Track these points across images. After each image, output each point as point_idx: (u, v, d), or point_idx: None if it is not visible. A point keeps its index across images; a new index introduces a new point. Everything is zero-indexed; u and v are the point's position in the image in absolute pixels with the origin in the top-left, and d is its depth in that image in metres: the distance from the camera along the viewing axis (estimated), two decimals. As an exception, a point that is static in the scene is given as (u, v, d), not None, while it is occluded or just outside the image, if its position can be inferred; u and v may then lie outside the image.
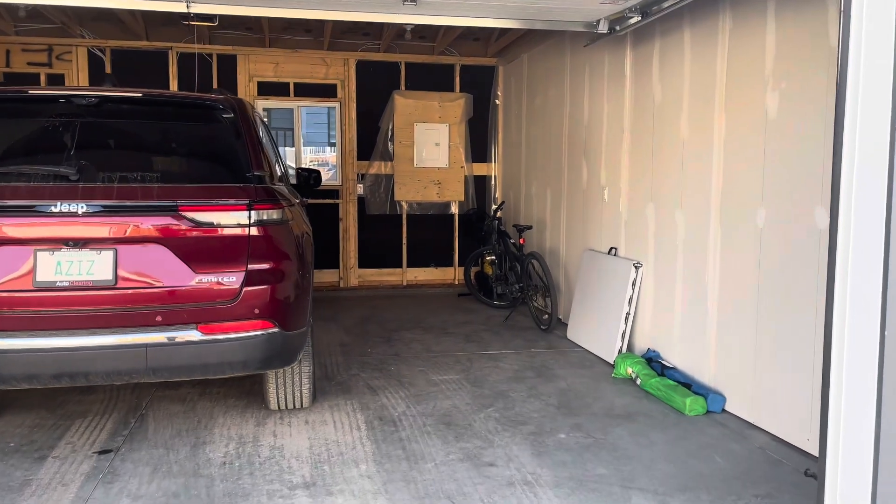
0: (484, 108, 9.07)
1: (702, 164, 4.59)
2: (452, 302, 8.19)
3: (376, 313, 7.47)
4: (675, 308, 4.91)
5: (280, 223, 3.61)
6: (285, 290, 3.58)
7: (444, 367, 5.33)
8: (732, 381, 4.31)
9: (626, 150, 5.65)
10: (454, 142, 8.94)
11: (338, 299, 8.31)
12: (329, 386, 4.84)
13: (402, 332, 6.56)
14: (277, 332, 3.52)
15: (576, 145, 6.66)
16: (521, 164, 8.29)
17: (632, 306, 5.42)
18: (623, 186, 5.71)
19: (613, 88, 5.87)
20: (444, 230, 9.13)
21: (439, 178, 8.95)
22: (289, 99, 8.54)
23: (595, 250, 6.18)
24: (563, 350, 5.89)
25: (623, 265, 5.55)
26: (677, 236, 4.89)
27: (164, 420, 4.15)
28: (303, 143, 16.36)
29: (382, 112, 8.74)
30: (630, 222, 5.60)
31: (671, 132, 4.97)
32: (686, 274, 4.79)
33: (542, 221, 7.54)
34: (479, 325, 6.87)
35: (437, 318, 7.25)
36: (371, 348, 5.90)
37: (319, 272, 8.66)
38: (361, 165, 8.76)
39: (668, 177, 5.02)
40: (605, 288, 5.77)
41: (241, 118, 3.75)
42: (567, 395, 4.71)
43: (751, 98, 4.12)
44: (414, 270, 9.06)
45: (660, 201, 5.13)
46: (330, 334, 6.41)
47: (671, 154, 4.97)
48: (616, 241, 5.82)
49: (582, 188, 6.52)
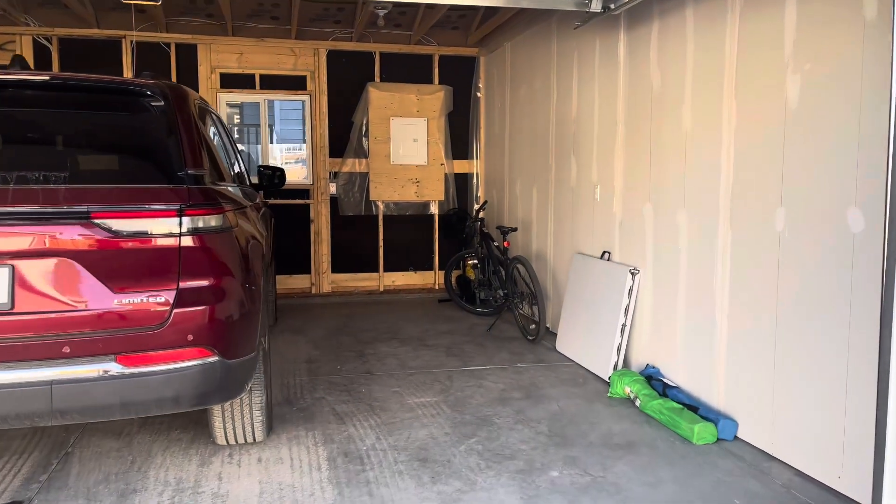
0: (465, 101, 8.52)
1: (708, 158, 4.07)
2: (433, 309, 7.64)
3: (350, 323, 6.91)
4: (678, 320, 4.39)
5: (220, 231, 3.04)
6: (227, 310, 3.01)
7: (421, 387, 4.78)
8: (746, 404, 3.80)
9: (621, 144, 5.12)
10: (433, 137, 8.39)
11: (309, 307, 7.73)
12: (290, 413, 4.27)
13: (377, 344, 6.00)
14: (217, 361, 2.95)
15: (564, 140, 6.13)
16: (504, 161, 7.75)
17: (628, 317, 4.90)
18: (617, 184, 5.18)
19: (605, 76, 5.34)
20: (424, 232, 8.57)
21: (418, 176, 8.39)
22: (254, 92, 7.93)
23: (586, 254, 5.66)
24: (553, 365, 5.35)
25: (618, 271, 5.02)
26: (680, 240, 4.37)
27: (92, 460, 3.56)
28: (276, 140, 15.73)
29: (356, 106, 8.16)
30: (625, 224, 5.08)
31: (672, 123, 4.45)
32: (690, 282, 4.27)
33: (528, 222, 7.01)
34: (460, 336, 6.32)
35: (415, 327, 6.70)
36: (341, 365, 5.33)
37: (289, 278, 8.09)
38: (334, 163, 8.18)
39: (668, 174, 4.50)
40: (597, 296, 5.25)
41: (176, 107, 3.17)
42: (559, 420, 4.17)
43: (767, 83, 3.61)
44: (391, 275, 8.49)
45: (659, 201, 4.62)
46: (297, 348, 5.84)
47: (672, 148, 4.45)
48: (609, 245, 5.30)
49: (571, 186, 5.99)
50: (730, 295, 3.91)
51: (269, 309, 6.45)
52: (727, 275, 3.93)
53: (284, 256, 8.05)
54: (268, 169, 5.84)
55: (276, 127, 14.94)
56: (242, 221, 3.49)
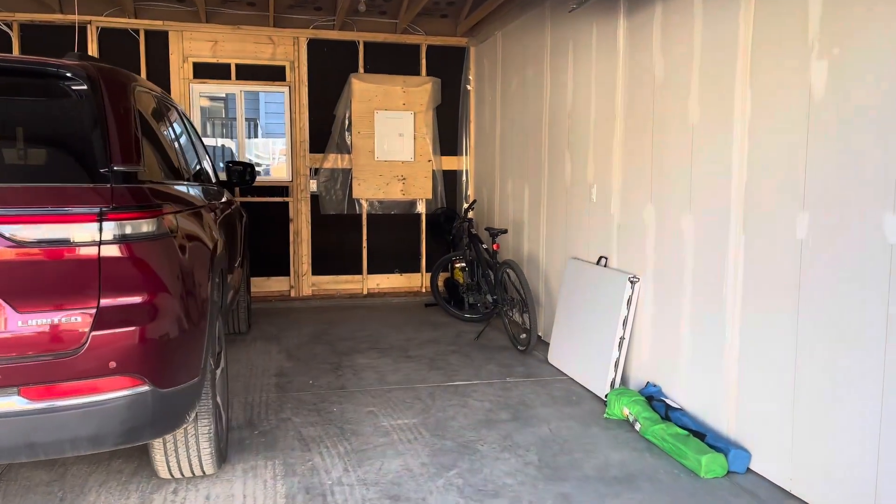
0: (454, 93, 8.07)
1: (718, 155, 3.64)
2: (418, 314, 7.20)
3: (329, 329, 6.46)
4: (683, 334, 3.97)
5: (155, 237, 2.59)
6: (160, 330, 2.56)
7: (399, 405, 4.34)
8: (760, 431, 3.37)
9: (619, 139, 4.69)
10: (420, 132, 7.93)
11: (287, 312, 7.28)
12: (250, 437, 3.82)
13: (355, 355, 5.55)
14: (148, 391, 2.51)
15: (558, 135, 5.69)
16: (495, 158, 7.31)
17: (627, 329, 4.47)
18: (615, 184, 4.75)
19: (603, 66, 4.90)
20: (410, 232, 8.12)
21: (404, 173, 7.94)
22: (230, 83, 7.46)
23: (581, 259, 5.23)
24: (545, 379, 4.92)
25: (615, 279, 4.59)
26: (685, 246, 3.94)
27: (17, 496, 3.11)
28: (262, 134, 15.23)
29: (338, 98, 7.71)
30: (624, 227, 4.65)
31: (677, 116, 4.01)
32: (697, 292, 3.84)
33: (520, 224, 6.57)
34: (446, 345, 5.88)
35: (398, 335, 6.26)
36: (314, 379, 4.89)
37: (267, 280, 7.65)
38: (315, 159, 7.72)
39: (672, 172, 4.07)
40: (593, 305, 4.82)
41: (105, 93, 2.71)
42: (550, 446, 3.74)
43: (787, 70, 3.17)
44: (376, 277, 8.04)
45: (662, 202, 4.18)
46: (268, 359, 5.39)
47: (677, 144, 4.02)
48: (606, 250, 4.87)
49: (565, 186, 5.55)
50: (742, 309, 3.48)
51: (241, 316, 6.02)
52: (739, 287, 3.50)
53: (262, 257, 7.60)
54: (237, 165, 5.40)
55: (261, 121, 14.48)
56: (190, 225, 3.05)
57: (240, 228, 5.69)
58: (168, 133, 3.72)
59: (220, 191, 5.10)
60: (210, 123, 14.19)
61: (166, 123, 3.72)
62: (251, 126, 12.94)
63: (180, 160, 3.78)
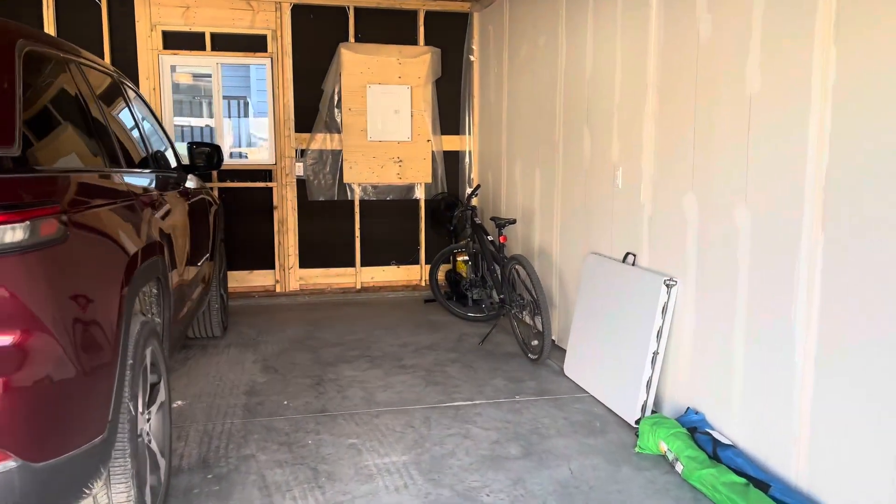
0: (455, 65, 7.26)
1: (787, 132, 2.86)
2: (417, 312, 6.46)
3: (315, 332, 5.74)
4: (735, 352, 3.21)
5: (27, 249, 1.84)
6: (32, 380, 1.82)
7: (388, 436, 3.61)
8: (845, 485, 2.63)
9: (652, 113, 3.90)
10: (418, 108, 7.14)
11: (271, 309, 6.56)
12: (200, 484, 3.10)
13: (342, 365, 4.83)
14: (14, 468, 1.78)
15: (575, 109, 4.90)
16: (502, 137, 6.52)
17: (661, 343, 3.72)
18: (646, 166, 3.97)
19: (631, 27, 4.10)
20: (408, 220, 7.36)
21: (400, 154, 7.16)
22: (205, 53, 6.67)
23: (603, 255, 4.46)
24: (561, 398, 4.19)
25: (647, 281, 3.83)
26: (739, 245, 3.17)
27: None
28: (254, 114, 14.33)
29: (326, 71, 6.91)
30: (657, 219, 3.88)
31: (729, 84, 3.22)
32: (755, 304, 3.08)
33: (530, 211, 5.80)
34: (446, 352, 5.15)
35: (393, 338, 5.53)
36: (290, 399, 4.16)
37: (249, 274, 6.92)
38: (301, 139, 6.95)
39: (722, 154, 3.29)
40: (619, 311, 4.06)
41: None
42: (573, 497, 3.01)
43: (891, 17, 2.38)
44: (370, 270, 7.30)
45: (707, 191, 3.41)
46: (241, 371, 4.67)
47: (729, 118, 3.23)
48: (635, 245, 4.10)
49: (583, 168, 4.77)
50: (819, 327, 2.72)
51: (213, 318, 5.29)
52: (816, 299, 2.73)
53: (243, 249, 6.87)
54: (200, 147, 4.63)
55: (252, 98, 13.64)
56: (106, 223, 2.30)
57: (210, 218, 4.96)
58: (98, 110, 2.95)
59: (181, 177, 4.36)
60: (198, 102, 13.41)
61: (92, 97, 2.96)
62: (240, 105, 12.15)
63: (116, 143, 3.03)
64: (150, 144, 3.81)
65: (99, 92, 3.11)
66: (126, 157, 3.13)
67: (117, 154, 2.97)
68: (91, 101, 2.89)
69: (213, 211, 5.15)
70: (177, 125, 8.20)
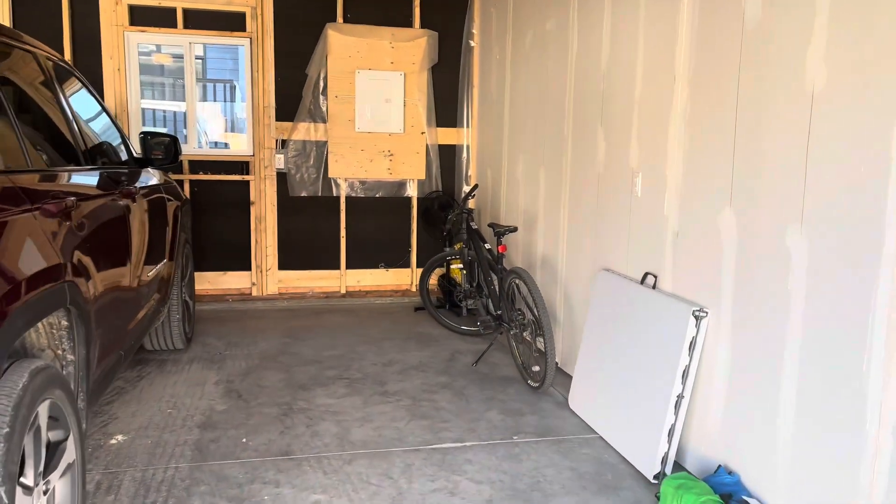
0: (454, 50, 6.64)
1: (863, 139, 2.27)
2: (406, 322, 5.88)
3: (291, 345, 5.16)
4: (783, 405, 2.63)
5: None
6: None
7: (359, 490, 3.03)
8: None
9: (680, 111, 3.30)
10: (412, 97, 6.52)
11: (245, 316, 5.97)
12: (125, 559, 2.52)
13: (316, 389, 4.25)
14: None
15: (587, 104, 4.30)
16: (503, 132, 5.91)
17: (687, 384, 3.14)
18: (672, 174, 3.38)
19: (658, 9, 3.49)
20: (398, 219, 6.76)
21: (391, 147, 6.55)
22: (176, 31, 6.04)
23: (617, 273, 3.88)
24: (567, 440, 3.61)
25: (671, 310, 3.24)
26: (791, 274, 2.59)
27: None
28: (244, 98, 13.59)
29: (311, 54, 6.29)
30: (685, 237, 3.29)
31: (784, 79, 2.63)
32: (812, 344, 2.50)
33: (532, 216, 5.20)
34: (435, 374, 4.57)
35: (377, 355, 4.95)
36: (251, 434, 3.58)
37: (223, 275, 6.33)
38: (282, 128, 6.33)
39: (772, 163, 2.69)
40: (636, 342, 3.48)
41: None
42: (581, 585, 2.44)
43: None
44: (356, 273, 6.70)
45: (750, 206, 2.82)
46: (199, 395, 4.08)
47: (783, 120, 2.64)
48: (656, 265, 3.52)
49: (596, 172, 4.18)
50: (902, 392, 2.14)
51: (173, 329, 4.70)
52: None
53: (216, 248, 6.28)
54: (157, 137, 4.03)
55: (240, 83, 12.92)
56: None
57: (170, 217, 4.37)
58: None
59: (134, 173, 3.78)
60: (180, 86, 12.71)
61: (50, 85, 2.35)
62: (227, 89, 11.47)
63: (19, 136, 2.42)
64: (84, 136, 3.20)
65: (23, 79, 2.50)
66: (42, 153, 2.53)
67: (20, 150, 2.36)
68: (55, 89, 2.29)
69: (174, 208, 4.55)
70: (153, 109, 7.60)
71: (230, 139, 11.61)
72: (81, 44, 5.84)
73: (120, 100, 5.91)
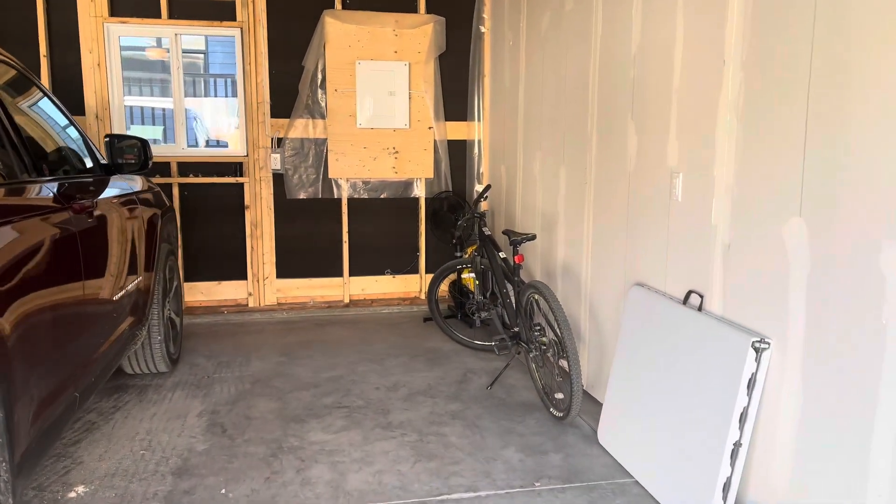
0: (463, 38, 6.10)
1: None
2: (414, 334, 5.39)
3: (286, 365, 4.68)
4: (872, 467, 2.10)
5: None
6: None
7: (354, 559, 2.54)
8: None
9: (732, 100, 2.76)
10: (418, 90, 6.01)
11: (240, 331, 5.50)
12: None
13: (310, 422, 3.76)
14: None
15: (615, 94, 3.76)
16: (517, 126, 5.38)
17: (745, 430, 2.61)
18: (721, 175, 2.84)
19: (703, -23, 2.95)
20: (405, 221, 6.26)
21: (396, 144, 6.04)
22: (160, 22, 5.55)
23: (653, 289, 3.35)
24: (598, 486, 3.09)
25: (726, 339, 2.71)
26: (887, 300, 2.05)
27: None
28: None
29: (308, 44, 5.78)
30: (739, 250, 2.75)
31: (877, 62, 2.08)
32: (918, 405, 1.96)
33: (551, 219, 4.68)
34: (446, 399, 4.07)
35: (380, 376, 4.46)
36: (230, 483, 3.10)
37: (217, 285, 5.87)
38: (278, 125, 5.84)
39: (858, 165, 2.15)
40: (681, 374, 2.96)
41: None
42: None
43: None
44: (361, 281, 6.21)
45: (828, 216, 2.28)
46: (178, 430, 3.61)
47: (875, 114, 2.09)
48: (702, 282, 2.98)
49: (626, 170, 3.64)
50: None
51: (154, 352, 4.24)
52: None
53: (210, 257, 5.82)
54: (121, 140, 3.54)
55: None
56: None
57: (144, 227, 3.90)
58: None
59: (99, 182, 3.31)
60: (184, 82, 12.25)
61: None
62: (227, 84, 11.01)
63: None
64: (29, 144, 2.72)
65: None
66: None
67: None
68: None
69: (152, 217, 4.08)
70: (141, 106, 7.14)
71: (233, 138, 11.16)
72: (59, 37, 5.37)
73: (101, 97, 5.44)
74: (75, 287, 2.71)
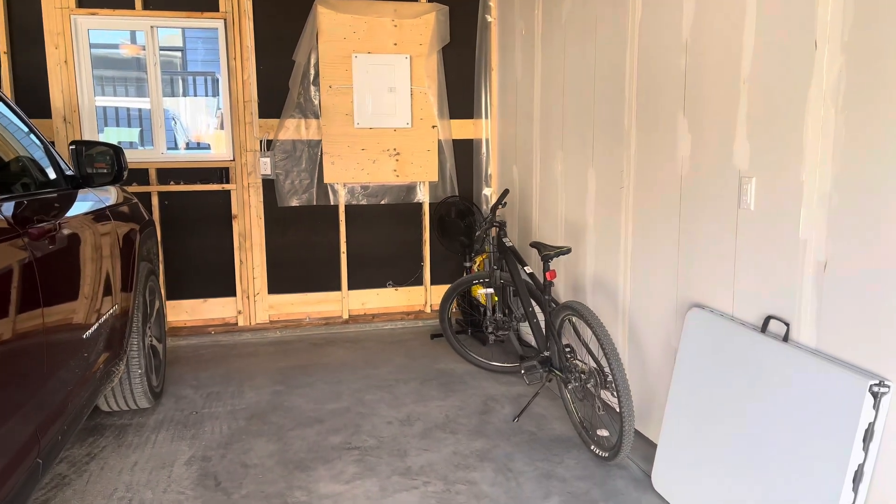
0: (468, 27, 5.61)
1: None
2: (422, 354, 4.90)
3: (284, 395, 4.17)
4: None
5: None
6: None
7: None
8: None
9: (829, 90, 2.29)
10: (420, 85, 5.50)
11: (230, 355, 4.97)
12: None
13: (318, 469, 3.26)
14: None
15: (660, 86, 3.28)
16: (533, 123, 4.90)
17: (859, 489, 2.15)
18: (813, 180, 2.37)
19: (784, -56, 2.48)
20: (408, 229, 5.75)
21: (397, 144, 5.53)
22: (134, 13, 5.00)
23: (718, 313, 2.88)
24: (664, 549, 2.63)
25: (828, 378, 2.25)
26: None
27: None
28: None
29: (299, 37, 5.26)
30: (839, 271, 2.28)
31: None
32: None
33: (578, 227, 4.20)
34: (468, 436, 3.59)
35: (391, 407, 3.97)
36: (230, 554, 2.59)
37: (203, 303, 5.34)
38: (267, 126, 5.31)
39: None
40: (765, 415, 2.49)
41: None
42: None
43: None
44: (361, 294, 5.70)
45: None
46: (163, 484, 3.09)
47: None
48: (786, 307, 2.52)
49: (677, 174, 3.17)
50: None
51: (133, 386, 3.71)
52: None
53: (195, 272, 5.29)
54: (90, 147, 3.01)
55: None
56: None
57: (117, 248, 3.37)
58: None
59: (64, 198, 2.79)
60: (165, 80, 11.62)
61: None
62: (206, 82, 10.41)
63: None
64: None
65: None
66: None
67: None
68: None
69: (127, 234, 3.55)
70: (115, 106, 6.58)
71: (216, 140, 10.58)
72: (21, 33, 4.81)
73: (69, 98, 4.88)
74: (32, 330, 2.19)
